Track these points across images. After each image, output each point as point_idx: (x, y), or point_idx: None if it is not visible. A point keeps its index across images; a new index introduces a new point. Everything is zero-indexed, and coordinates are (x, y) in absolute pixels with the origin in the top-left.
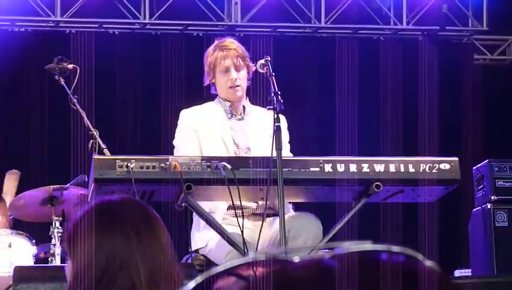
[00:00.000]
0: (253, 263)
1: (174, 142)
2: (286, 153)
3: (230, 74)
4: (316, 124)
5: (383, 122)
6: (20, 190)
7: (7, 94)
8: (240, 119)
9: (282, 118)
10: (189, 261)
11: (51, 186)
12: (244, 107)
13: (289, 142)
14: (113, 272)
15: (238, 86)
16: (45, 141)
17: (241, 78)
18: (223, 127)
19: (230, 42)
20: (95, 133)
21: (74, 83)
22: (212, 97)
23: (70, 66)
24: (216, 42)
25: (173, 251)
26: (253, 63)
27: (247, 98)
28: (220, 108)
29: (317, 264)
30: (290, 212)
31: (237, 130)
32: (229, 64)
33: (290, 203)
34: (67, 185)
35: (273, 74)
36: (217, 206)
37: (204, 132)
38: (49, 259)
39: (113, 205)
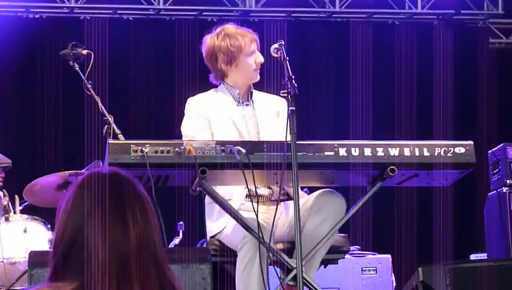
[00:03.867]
0: None
1: (183, 131)
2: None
3: (256, 56)
4: (331, 108)
5: (398, 106)
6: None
7: (22, 80)
8: (247, 105)
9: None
10: (204, 245)
11: (66, 171)
12: (251, 92)
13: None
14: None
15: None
16: (60, 127)
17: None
18: (234, 113)
19: (241, 28)
20: (109, 118)
21: (88, 69)
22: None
23: (85, 51)
24: (222, 30)
25: (159, 233)
26: (267, 48)
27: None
28: (227, 95)
29: None
30: (304, 197)
31: (247, 117)
32: (254, 47)
33: (304, 188)
34: (83, 170)
35: (287, 58)
36: (233, 194)
37: (216, 119)
38: None
39: (91, 180)
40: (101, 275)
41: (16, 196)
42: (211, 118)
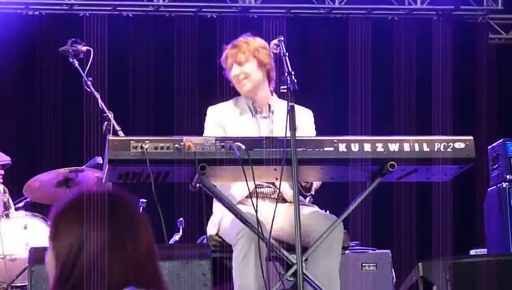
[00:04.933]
0: None
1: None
2: None
3: (232, 70)
4: (330, 104)
5: (397, 101)
6: (26, 175)
7: (21, 77)
8: (265, 117)
9: (309, 113)
10: (204, 241)
11: (66, 168)
12: (269, 105)
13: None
14: (84, 269)
15: (244, 78)
16: (60, 123)
17: (247, 71)
18: (248, 125)
19: (241, 40)
20: (109, 115)
21: (88, 65)
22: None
23: (84, 48)
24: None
25: (155, 252)
26: (268, 45)
27: (274, 94)
28: (244, 105)
29: None
30: (306, 202)
31: (262, 129)
32: (231, 62)
33: (307, 196)
34: (82, 167)
35: (287, 54)
36: (235, 194)
37: (230, 130)
38: None
39: (96, 199)
40: None
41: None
42: (226, 127)
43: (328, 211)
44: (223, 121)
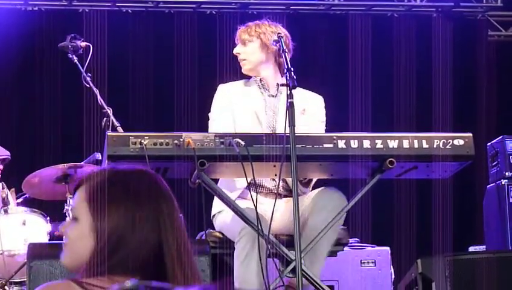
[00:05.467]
0: None
1: (210, 114)
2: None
3: (235, 48)
4: (330, 101)
5: (397, 98)
6: (25, 171)
7: (21, 73)
8: (272, 96)
9: (320, 99)
10: (204, 237)
11: (65, 164)
12: (278, 85)
13: (322, 121)
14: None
15: (244, 59)
16: (59, 119)
17: (247, 52)
18: (257, 102)
19: (256, 22)
20: (108, 110)
21: (87, 61)
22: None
23: (83, 44)
24: None
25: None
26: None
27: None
28: (254, 83)
29: None
30: (308, 193)
31: (268, 108)
32: (236, 42)
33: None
34: (82, 163)
35: (286, 50)
36: (235, 184)
37: (239, 106)
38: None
39: (144, 177)
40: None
41: (13, 189)
42: (235, 104)
43: None
44: (233, 99)
